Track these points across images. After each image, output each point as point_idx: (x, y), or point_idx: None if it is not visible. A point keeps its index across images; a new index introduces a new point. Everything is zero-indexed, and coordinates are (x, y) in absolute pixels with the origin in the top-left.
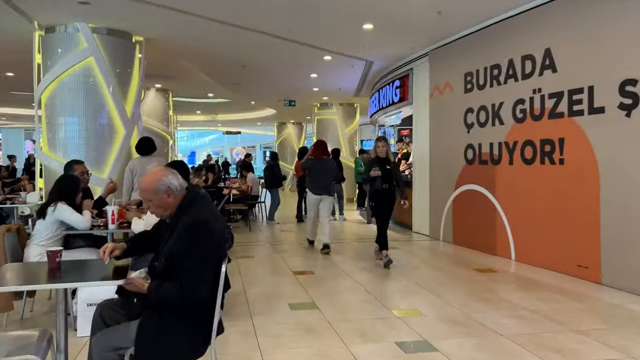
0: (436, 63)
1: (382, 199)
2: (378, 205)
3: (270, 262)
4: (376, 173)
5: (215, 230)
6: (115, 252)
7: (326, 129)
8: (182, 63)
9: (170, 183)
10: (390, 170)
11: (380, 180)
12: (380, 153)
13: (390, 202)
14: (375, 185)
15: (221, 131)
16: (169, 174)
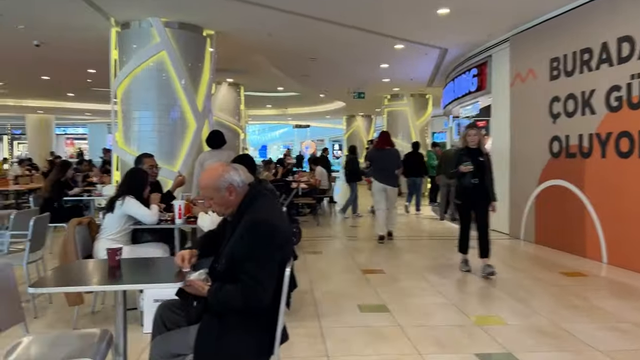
0: (518, 49)
1: (472, 197)
2: (466, 205)
3: (339, 258)
4: (467, 168)
5: (278, 229)
6: (193, 260)
7: (396, 121)
8: (253, 57)
9: (232, 179)
10: (483, 164)
11: (470, 175)
12: (471, 143)
13: (483, 200)
14: (463, 181)
15: (291, 125)
16: (231, 170)
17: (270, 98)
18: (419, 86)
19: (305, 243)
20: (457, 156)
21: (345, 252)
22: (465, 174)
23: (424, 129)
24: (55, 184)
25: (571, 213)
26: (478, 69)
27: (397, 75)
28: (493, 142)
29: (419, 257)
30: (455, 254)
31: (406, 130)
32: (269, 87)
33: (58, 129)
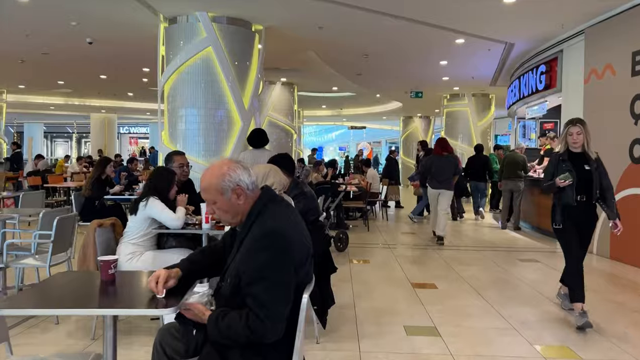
0: (594, 42)
1: (577, 219)
2: (569, 228)
3: (387, 269)
4: (565, 182)
5: (295, 244)
6: (169, 284)
7: (456, 123)
8: (304, 54)
9: (240, 180)
10: (590, 174)
11: (572, 190)
12: (574, 145)
13: (590, 222)
14: (563, 198)
15: (346, 126)
16: (238, 168)
17: (325, 98)
18: (481, 85)
19: (353, 250)
20: (554, 163)
21: (395, 261)
22: (565, 189)
23: (486, 131)
24: (94, 182)
25: None
26: (547, 65)
27: (457, 74)
28: None
29: (477, 270)
30: (517, 268)
31: (467, 132)
32: (323, 87)
33: (122, 127)
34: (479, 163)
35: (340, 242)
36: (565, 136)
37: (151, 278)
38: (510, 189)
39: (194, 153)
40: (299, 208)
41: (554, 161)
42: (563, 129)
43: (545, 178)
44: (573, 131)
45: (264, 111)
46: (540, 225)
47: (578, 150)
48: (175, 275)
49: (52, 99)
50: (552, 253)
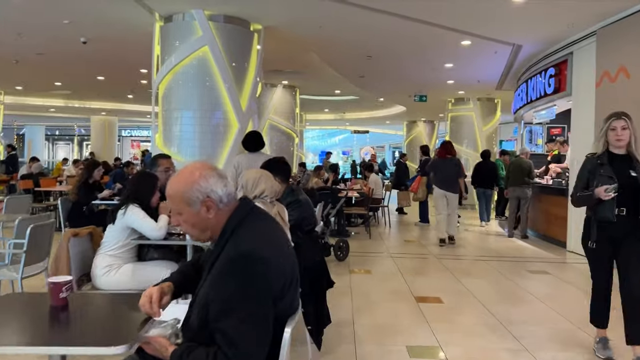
0: (606, 43)
1: (615, 237)
2: (604, 250)
3: (389, 280)
4: (610, 195)
5: (272, 271)
6: (164, 301)
7: (461, 127)
8: (305, 55)
9: (212, 191)
10: (637, 181)
11: (613, 202)
12: (618, 143)
13: (632, 242)
14: (600, 211)
15: (349, 130)
16: (211, 176)
17: (328, 102)
18: (486, 89)
19: (353, 260)
20: (590, 168)
21: (398, 272)
22: (605, 201)
23: (491, 136)
24: (81, 186)
25: None
26: (556, 68)
27: (462, 77)
28: (572, 151)
29: (484, 283)
30: (527, 280)
31: (472, 137)
32: (325, 90)
33: (124, 130)
34: (486, 169)
35: (341, 250)
36: (605, 133)
37: (143, 298)
38: (517, 196)
39: (188, 157)
40: (294, 217)
41: (589, 166)
42: (603, 123)
43: (578, 187)
44: (617, 125)
45: (265, 114)
46: (548, 233)
47: (622, 151)
48: (169, 291)
49: (51, 101)
50: (562, 264)
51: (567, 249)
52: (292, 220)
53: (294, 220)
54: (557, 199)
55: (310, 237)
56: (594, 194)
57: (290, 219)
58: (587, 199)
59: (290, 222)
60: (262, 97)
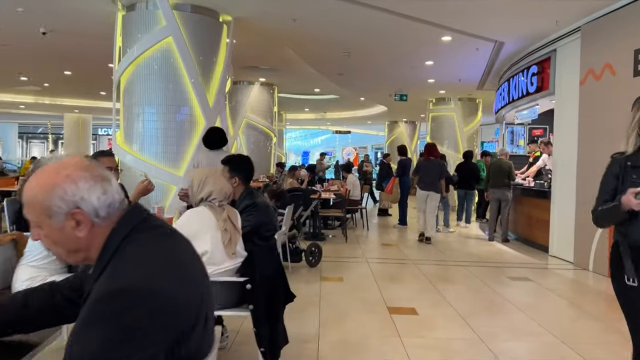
0: (591, 40)
1: None
2: None
3: (362, 288)
4: None
5: (164, 309)
6: None
7: (442, 128)
8: (281, 51)
9: (82, 199)
10: None
11: None
12: None
13: None
14: (635, 231)
15: (331, 131)
16: (83, 179)
17: (308, 101)
18: (468, 89)
19: (326, 265)
20: (618, 170)
21: (372, 279)
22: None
23: (472, 137)
24: None
25: None
26: (539, 66)
27: (443, 75)
28: (555, 151)
29: (463, 291)
30: (507, 288)
31: (453, 138)
32: (304, 88)
33: (101, 129)
34: (468, 170)
35: (313, 256)
36: (638, 125)
37: None
38: (497, 198)
39: (151, 156)
40: (250, 222)
41: (616, 169)
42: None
43: (600, 199)
44: None
45: (242, 112)
46: (530, 237)
47: None
48: None
49: (21, 97)
50: (544, 270)
51: (549, 253)
52: (247, 227)
53: (250, 227)
54: (539, 201)
55: (268, 244)
56: (620, 205)
57: (246, 225)
58: (613, 214)
59: (246, 229)
60: (238, 94)
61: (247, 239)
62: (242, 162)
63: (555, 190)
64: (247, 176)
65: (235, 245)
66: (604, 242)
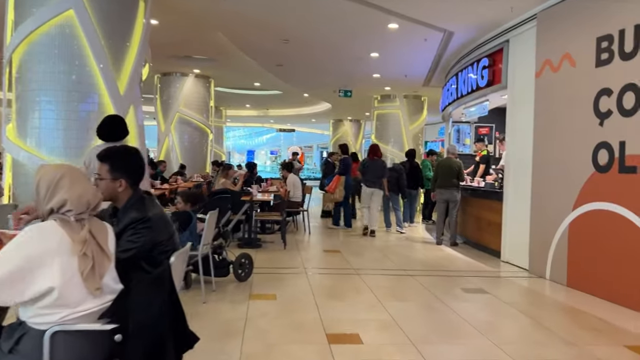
0: (548, 28)
1: None
2: None
3: (298, 308)
4: None
5: None
6: None
7: (387, 126)
8: (216, 39)
9: None
10: None
11: None
12: None
13: None
14: None
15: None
16: None
17: (249, 96)
18: (413, 86)
19: (258, 279)
20: None
21: (311, 295)
22: None
23: (417, 136)
24: None
25: (627, 250)
26: (490, 58)
27: (389, 70)
28: (509, 149)
29: (413, 308)
30: (463, 303)
31: (398, 137)
32: (244, 82)
33: None
34: (410, 169)
35: (242, 268)
36: None
37: None
38: (445, 199)
39: (50, 152)
40: (137, 245)
41: None
42: None
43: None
44: None
45: (174, 106)
46: (481, 241)
47: None
48: None
49: None
50: (499, 279)
51: (502, 259)
52: (132, 250)
53: (136, 249)
54: (491, 203)
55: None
56: None
57: (130, 248)
58: None
59: (129, 252)
60: (171, 87)
61: (130, 267)
62: (127, 157)
63: (508, 192)
64: (136, 177)
65: (102, 277)
66: (562, 249)
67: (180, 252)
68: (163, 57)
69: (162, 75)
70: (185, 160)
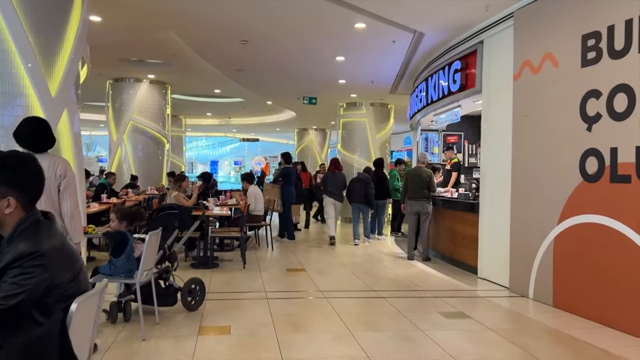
0: (527, 26)
1: None
2: None
3: (255, 345)
4: None
5: None
6: None
7: (353, 135)
8: (168, 39)
9: None
10: None
11: None
12: None
13: None
14: None
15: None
16: None
17: (210, 104)
18: (380, 93)
19: (211, 307)
20: None
21: (271, 327)
22: None
23: (384, 145)
24: None
25: (621, 267)
26: (463, 61)
27: (355, 75)
28: (484, 158)
29: (389, 341)
30: (443, 331)
31: (365, 146)
32: (203, 88)
33: None
34: (377, 179)
35: (192, 295)
36: None
37: None
38: (416, 211)
39: None
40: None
41: None
42: None
43: None
44: None
45: (127, 114)
46: (455, 256)
47: None
48: None
49: None
50: (478, 299)
51: (479, 275)
52: (20, 295)
53: (23, 295)
54: (465, 215)
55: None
56: None
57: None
58: None
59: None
60: (123, 93)
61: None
62: (18, 166)
63: (484, 204)
64: (30, 193)
65: None
66: (547, 265)
67: (87, 295)
68: (113, 60)
69: (115, 81)
70: (140, 171)
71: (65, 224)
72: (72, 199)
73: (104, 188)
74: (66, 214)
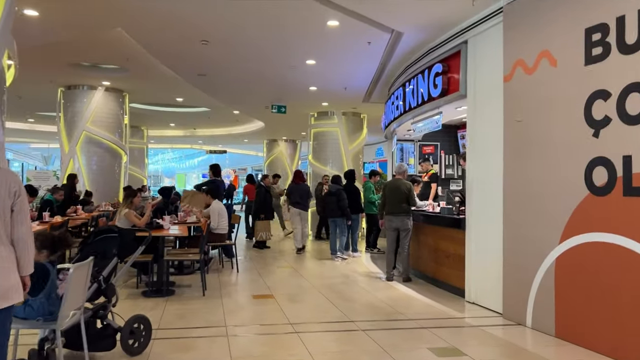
0: (519, 22)
1: None
2: None
3: None
4: None
5: None
6: None
7: (325, 146)
8: (120, 39)
9: None
10: None
11: None
12: None
13: None
14: None
15: (205, 150)
16: None
17: (173, 114)
18: (353, 101)
19: (160, 347)
20: None
21: None
22: None
23: (357, 156)
24: None
25: (633, 291)
26: (444, 64)
27: (327, 81)
28: (470, 168)
29: None
30: None
31: (337, 157)
32: (164, 97)
33: None
34: (348, 192)
35: (134, 337)
36: None
37: None
38: (395, 227)
39: None
40: None
41: None
42: None
43: None
44: None
45: (80, 124)
46: (439, 276)
47: None
48: None
49: None
50: (469, 329)
51: (467, 299)
52: None
53: None
54: (450, 231)
55: None
56: None
57: None
58: None
59: None
60: (76, 102)
61: None
62: None
63: (471, 219)
64: None
65: None
66: (547, 290)
67: None
68: (62, 64)
69: (67, 89)
70: (95, 186)
71: (17, 253)
72: (27, 223)
73: (48, 205)
74: (19, 240)
